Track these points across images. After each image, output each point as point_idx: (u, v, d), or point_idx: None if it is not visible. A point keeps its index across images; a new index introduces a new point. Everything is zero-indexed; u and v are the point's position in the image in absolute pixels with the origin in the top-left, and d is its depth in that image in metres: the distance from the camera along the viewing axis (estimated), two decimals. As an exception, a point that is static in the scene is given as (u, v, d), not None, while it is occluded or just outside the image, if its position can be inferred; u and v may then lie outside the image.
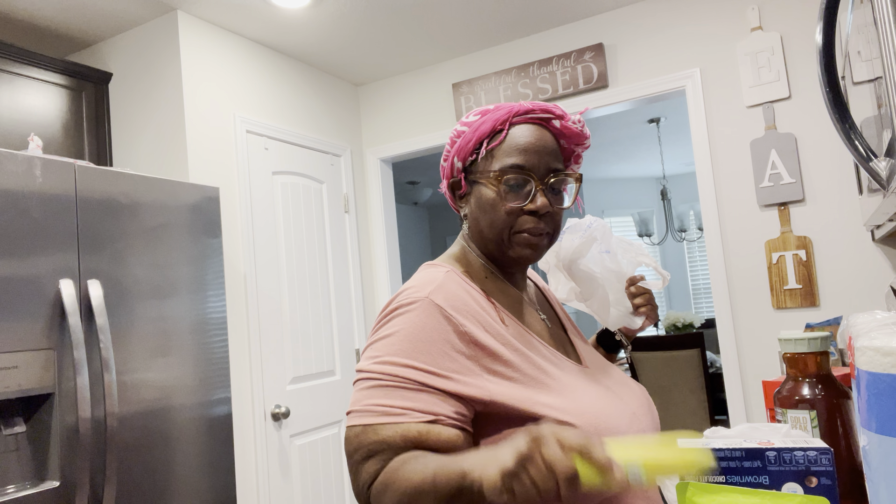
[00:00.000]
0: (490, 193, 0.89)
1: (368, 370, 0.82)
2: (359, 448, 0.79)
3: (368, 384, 0.81)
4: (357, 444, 0.79)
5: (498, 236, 0.90)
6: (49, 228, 1.65)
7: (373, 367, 0.82)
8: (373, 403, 0.80)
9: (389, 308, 0.86)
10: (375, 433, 0.78)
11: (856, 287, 2.33)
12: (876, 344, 0.52)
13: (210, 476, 1.99)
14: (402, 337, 0.82)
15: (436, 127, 3.22)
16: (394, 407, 0.79)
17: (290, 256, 2.83)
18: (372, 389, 0.81)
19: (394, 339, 0.83)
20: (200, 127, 2.48)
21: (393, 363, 0.81)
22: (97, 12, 2.42)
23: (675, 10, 2.69)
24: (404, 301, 0.85)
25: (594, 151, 5.46)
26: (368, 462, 0.78)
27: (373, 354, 0.83)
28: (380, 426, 0.78)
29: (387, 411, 0.79)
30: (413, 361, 0.81)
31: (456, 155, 0.93)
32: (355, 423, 0.80)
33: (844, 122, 0.85)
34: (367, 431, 0.79)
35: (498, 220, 0.89)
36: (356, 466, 0.79)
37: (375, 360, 0.82)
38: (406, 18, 2.74)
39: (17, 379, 1.54)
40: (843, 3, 1.12)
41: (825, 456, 0.60)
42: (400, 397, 0.79)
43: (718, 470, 0.63)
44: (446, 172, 0.96)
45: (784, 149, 2.44)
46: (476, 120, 0.93)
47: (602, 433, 0.81)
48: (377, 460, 0.78)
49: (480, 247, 0.95)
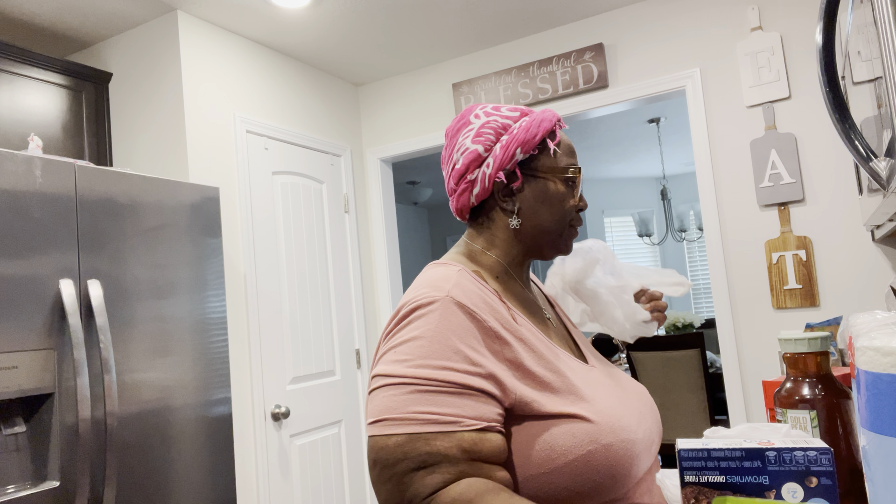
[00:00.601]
0: (559, 188, 0.93)
1: (402, 374, 0.78)
2: (405, 458, 0.74)
3: (405, 389, 0.77)
4: (402, 454, 0.75)
5: (560, 228, 0.94)
6: (49, 228, 1.65)
7: (407, 370, 0.78)
8: (417, 411, 0.75)
9: (407, 309, 0.83)
10: (427, 444, 0.74)
11: (856, 287, 2.33)
12: (876, 344, 0.52)
13: (210, 476, 1.99)
14: (431, 338, 0.79)
15: (436, 127, 3.22)
16: (443, 415, 0.76)
17: (290, 256, 2.83)
18: (412, 395, 0.76)
19: (422, 341, 0.79)
20: (200, 127, 2.48)
21: (429, 366, 0.77)
22: (97, 12, 2.42)
23: (675, 10, 2.69)
24: (423, 301, 0.82)
25: (594, 151, 5.46)
26: (421, 473, 0.74)
27: (401, 358, 0.79)
28: (431, 436, 0.75)
29: (437, 419, 0.75)
30: (448, 363, 0.78)
31: (520, 146, 0.90)
32: (397, 431, 0.75)
33: (844, 122, 0.85)
34: (416, 441, 0.74)
35: (562, 215, 0.93)
36: (402, 477, 0.74)
37: (408, 364, 0.78)
38: (406, 18, 2.74)
39: (17, 379, 1.54)
40: (843, 3, 1.13)
41: (825, 456, 0.60)
42: (446, 404, 0.76)
43: (718, 470, 0.63)
44: (499, 161, 0.90)
45: (784, 149, 2.44)
46: (517, 114, 0.93)
47: (617, 431, 0.82)
48: (435, 473, 0.74)
49: (527, 242, 0.94)
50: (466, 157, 0.91)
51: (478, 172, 0.91)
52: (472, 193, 0.92)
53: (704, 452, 0.64)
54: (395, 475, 0.75)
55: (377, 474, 0.76)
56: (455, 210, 0.97)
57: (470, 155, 0.91)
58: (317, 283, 2.96)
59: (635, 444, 0.83)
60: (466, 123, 0.94)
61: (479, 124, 0.92)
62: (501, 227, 0.94)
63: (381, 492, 0.76)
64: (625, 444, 0.82)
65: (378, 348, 0.86)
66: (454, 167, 0.93)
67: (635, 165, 6.16)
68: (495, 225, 0.94)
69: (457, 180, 0.93)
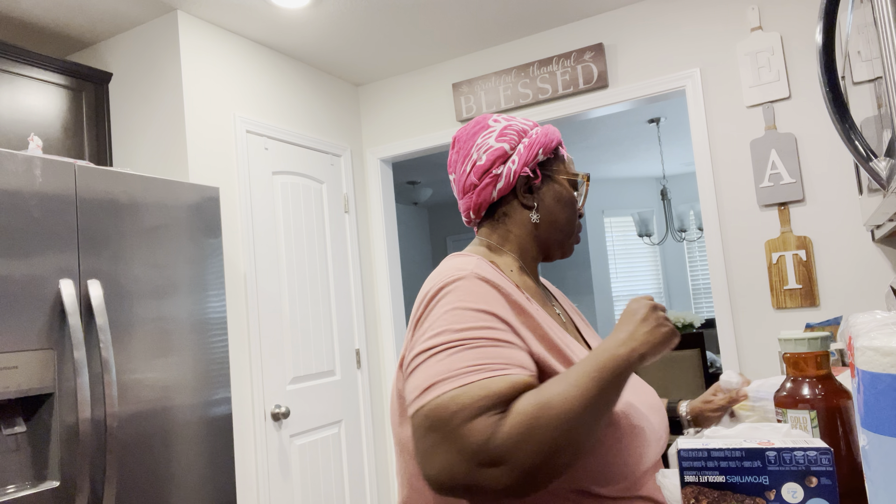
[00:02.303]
0: (569, 191, 1.01)
1: (442, 342, 0.77)
2: (462, 409, 0.71)
3: (448, 353, 0.76)
4: (458, 405, 0.71)
5: (570, 229, 1.01)
6: (49, 228, 1.65)
7: (446, 338, 0.77)
8: (466, 365, 0.74)
9: (433, 290, 0.84)
10: (483, 388, 0.72)
11: (856, 287, 2.33)
12: (876, 344, 0.52)
13: (210, 476, 1.99)
14: (463, 307, 0.80)
15: (436, 127, 3.22)
16: (492, 362, 0.75)
17: (290, 256, 2.83)
18: (457, 355, 0.75)
19: (455, 311, 0.80)
20: (200, 127, 2.48)
21: (466, 328, 0.77)
22: (97, 12, 2.42)
23: (675, 10, 2.69)
24: (448, 280, 0.84)
25: (594, 151, 5.46)
26: (481, 419, 0.71)
27: (437, 331, 0.78)
28: (484, 381, 0.73)
29: (486, 366, 0.74)
30: (484, 322, 0.79)
31: (542, 147, 0.97)
32: (450, 387, 0.73)
33: (844, 122, 0.85)
34: (471, 389, 0.72)
35: (573, 217, 1.01)
36: (457, 430, 0.70)
37: (446, 333, 0.77)
38: (406, 18, 2.74)
39: (17, 379, 1.54)
40: (843, 3, 1.13)
41: (825, 456, 0.60)
42: (492, 354, 0.76)
43: (718, 470, 0.63)
44: (524, 159, 0.96)
45: (784, 149, 2.44)
46: (531, 123, 1.02)
47: (632, 421, 0.84)
48: (494, 415, 0.71)
49: (541, 238, 0.99)
50: (492, 154, 0.96)
51: (503, 168, 0.96)
52: (496, 188, 0.97)
53: (704, 452, 0.64)
54: (452, 430, 0.71)
55: (432, 441, 0.72)
56: (472, 206, 0.99)
57: (496, 151, 0.96)
58: (317, 283, 2.96)
59: (645, 431, 0.86)
60: (485, 127, 0.99)
61: (501, 127, 0.98)
62: (518, 222, 0.99)
63: (440, 456, 0.71)
64: (635, 430, 0.84)
65: (411, 335, 0.85)
66: (475, 164, 0.97)
67: (635, 165, 6.16)
68: (511, 220, 0.99)
69: (479, 175, 0.97)
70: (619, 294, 6.66)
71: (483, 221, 1.02)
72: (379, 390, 3.28)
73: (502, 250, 0.99)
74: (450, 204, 7.12)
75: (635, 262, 6.77)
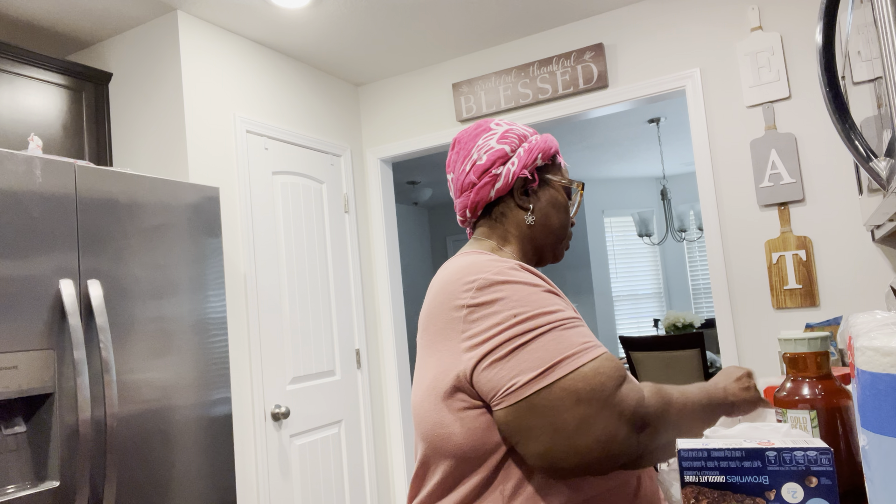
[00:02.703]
0: (564, 198, 1.05)
1: (549, 321, 0.82)
2: (608, 379, 0.79)
3: (561, 330, 0.81)
4: (604, 376, 0.79)
5: (562, 234, 1.04)
6: (49, 228, 1.65)
7: (549, 318, 0.82)
8: (582, 342, 0.81)
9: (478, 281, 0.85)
10: (610, 361, 0.81)
11: (856, 287, 2.33)
12: (876, 344, 0.52)
13: (210, 476, 1.99)
14: (534, 290, 0.85)
15: (436, 127, 3.22)
16: (594, 339, 0.84)
17: (290, 256, 2.83)
18: (565, 332, 0.81)
19: (527, 296, 0.84)
20: (200, 127, 2.48)
21: (559, 309, 0.84)
22: (97, 12, 2.42)
23: (675, 10, 2.69)
24: (496, 269, 0.87)
25: (594, 151, 5.46)
26: (625, 387, 0.80)
27: (532, 311, 0.82)
28: (606, 356, 0.81)
29: (597, 344, 0.83)
30: (563, 304, 0.86)
31: (541, 152, 1.01)
32: (583, 361, 0.79)
33: (844, 122, 0.85)
34: (604, 362, 0.80)
35: (566, 223, 1.05)
36: (612, 396, 0.78)
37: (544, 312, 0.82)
38: (406, 18, 2.74)
39: (17, 379, 1.54)
40: (843, 3, 1.13)
41: (825, 456, 0.60)
42: (590, 334, 0.84)
43: (718, 470, 0.63)
44: (523, 161, 0.99)
45: (784, 149, 2.44)
46: (531, 130, 1.05)
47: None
48: (631, 382, 0.81)
49: (536, 240, 1.02)
50: (492, 154, 0.99)
51: (502, 169, 0.99)
52: (494, 187, 0.99)
53: (704, 452, 0.64)
54: (607, 398, 0.78)
55: (585, 410, 0.77)
56: (469, 204, 1.01)
57: (497, 152, 0.99)
58: (317, 283, 2.96)
59: None
60: (487, 129, 1.03)
61: (503, 130, 1.02)
62: (515, 223, 1.01)
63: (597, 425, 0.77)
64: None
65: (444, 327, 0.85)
66: (475, 163, 1.00)
67: (635, 165, 6.16)
68: (509, 221, 1.01)
69: (479, 174, 1.00)
70: (619, 294, 6.66)
71: (480, 221, 1.04)
72: (379, 390, 3.28)
73: (504, 250, 1.00)
74: (450, 204, 7.11)
75: (635, 262, 6.77)
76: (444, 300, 0.87)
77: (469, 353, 0.82)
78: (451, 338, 0.84)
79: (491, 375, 0.80)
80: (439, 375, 0.86)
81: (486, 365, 0.80)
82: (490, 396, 0.81)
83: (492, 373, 0.80)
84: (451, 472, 0.86)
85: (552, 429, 0.77)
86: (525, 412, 0.78)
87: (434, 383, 0.86)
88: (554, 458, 0.77)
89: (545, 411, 0.77)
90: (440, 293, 0.88)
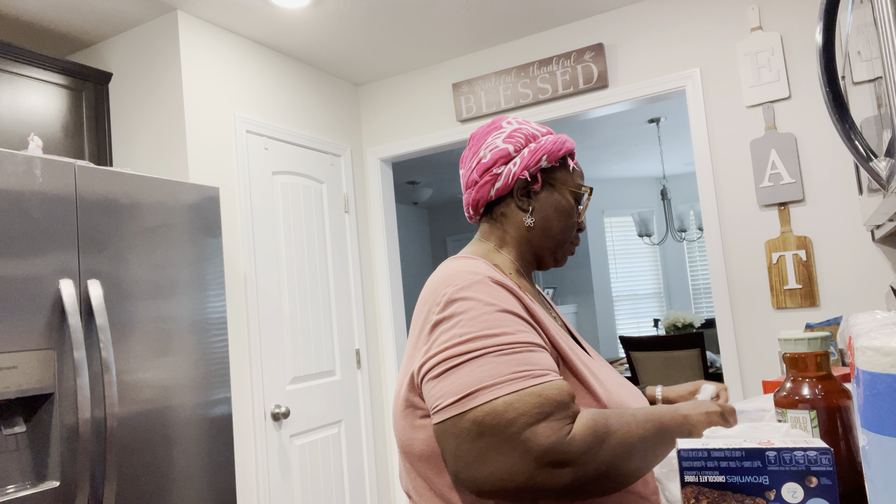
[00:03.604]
0: (569, 202, 1.02)
1: (476, 348, 0.78)
2: (520, 415, 0.74)
3: (491, 356, 0.78)
4: (515, 412, 0.74)
5: (563, 239, 1.02)
6: (49, 228, 1.65)
7: (486, 342, 0.78)
8: (513, 371, 0.76)
9: (450, 292, 0.84)
10: (538, 396, 0.75)
11: (856, 287, 2.33)
12: (876, 344, 0.52)
13: (210, 476, 1.99)
14: (488, 310, 0.81)
15: (436, 127, 3.22)
16: (536, 368, 0.78)
17: (290, 256, 2.83)
18: (498, 359, 0.77)
19: (481, 314, 0.81)
20: (200, 127, 2.48)
21: (500, 333, 0.79)
22: (97, 12, 2.42)
23: (675, 10, 2.69)
24: (468, 283, 0.84)
25: (594, 151, 5.46)
26: (543, 424, 0.74)
27: (465, 332, 0.79)
28: (537, 388, 0.76)
29: (533, 373, 0.77)
30: (513, 326, 0.81)
31: (546, 154, 0.99)
32: (500, 393, 0.75)
33: (844, 122, 0.85)
34: (525, 396, 0.75)
35: (569, 227, 1.02)
36: (521, 433, 0.74)
37: (478, 337, 0.79)
38: (406, 18, 2.74)
39: (17, 379, 1.54)
40: (843, 3, 1.13)
41: (825, 456, 0.60)
42: (532, 360, 0.78)
43: (718, 470, 0.63)
44: (525, 162, 0.97)
45: (784, 149, 2.44)
46: (544, 130, 1.02)
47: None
48: (554, 421, 0.75)
49: (534, 243, 1.01)
50: (495, 153, 0.99)
51: (504, 169, 0.98)
52: (494, 187, 0.99)
53: (704, 452, 0.64)
54: (512, 435, 0.74)
55: (485, 445, 0.74)
56: (471, 202, 1.02)
57: (500, 152, 0.98)
58: (317, 283, 2.96)
59: None
60: (498, 127, 1.01)
61: (511, 129, 1.01)
62: (514, 224, 1.00)
63: (495, 460, 0.74)
64: None
65: (426, 338, 0.85)
66: (480, 161, 1.00)
67: (635, 165, 6.16)
68: (508, 222, 1.01)
69: (481, 173, 0.99)
70: (619, 294, 6.66)
71: (482, 219, 1.04)
72: (379, 390, 3.28)
73: (501, 252, 1.00)
74: (450, 204, 7.11)
75: (635, 262, 6.77)
76: (421, 309, 0.88)
77: (421, 364, 0.83)
78: (419, 346, 0.86)
79: (428, 389, 0.81)
80: (407, 383, 0.87)
81: (427, 379, 0.81)
82: (429, 410, 0.82)
83: (428, 387, 0.81)
84: (417, 476, 0.88)
85: (455, 456, 0.76)
86: (440, 434, 0.78)
87: (401, 388, 0.89)
88: (459, 484, 0.77)
89: (452, 437, 0.77)
90: (421, 301, 0.89)
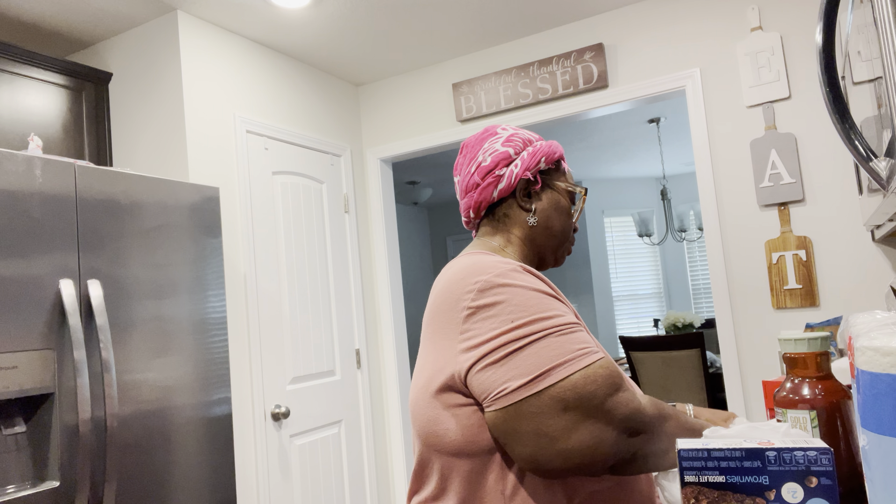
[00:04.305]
0: (568, 203, 1.06)
1: (545, 327, 0.82)
2: (600, 387, 0.79)
3: (551, 339, 0.81)
4: (594, 385, 0.79)
5: (563, 238, 1.06)
6: (49, 228, 1.65)
7: (546, 324, 0.82)
8: (576, 348, 0.81)
9: (480, 282, 0.86)
10: (605, 369, 0.81)
11: (856, 287, 2.33)
12: (876, 344, 0.52)
13: (210, 476, 1.99)
14: (532, 295, 0.85)
15: (436, 127, 3.22)
16: (592, 346, 0.83)
17: (290, 256, 2.83)
18: (559, 339, 0.81)
19: (525, 301, 0.84)
20: (200, 127, 2.48)
21: (557, 314, 0.84)
22: (97, 12, 2.42)
23: (674, 10, 2.69)
24: (498, 271, 0.87)
25: (594, 151, 5.46)
26: (620, 394, 0.80)
27: (529, 317, 0.82)
28: (601, 362, 0.81)
29: (591, 350, 0.82)
30: (562, 309, 0.86)
31: (544, 156, 1.03)
32: (574, 369, 0.79)
33: (844, 122, 0.85)
34: (597, 369, 0.80)
35: (568, 227, 1.06)
36: (604, 404, 0.79)
37: (541, 318, 0.82)
38: (406, 18, 2.74)
39: (17, 379, 1.54)
40: (843, 3, 1.13)
41: (825, 456, 0.60)
42: (587, 340, 0.84)
43: (718, 470, 0.63)
44: (526, 164, 1.01)
45: (784, 149, 2.44)
46: (536, 136, 1.07)
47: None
48: (626, 391, 0.81)
49: (537, 242, 1.04)
50: (496, 156, 1.02)
51: (505, 170, 1.01)
52: (497, 188, 1.01)
53: (704, 452, 0.64)
54: (598, 406, 0.79)
55: (572, 417, 0.78)
56: (472, 205, 1.03)
57: (501, 154, 1.02)
58: (317, 283, 2.96)
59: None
60: (493, 134, 1.05)
61: (508, 135, 1.04)
62: (518, 224, 1.03)
63: (583, 431, 0.78)
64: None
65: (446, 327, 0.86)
66: (479, 165, 1.03)
67: (635, 165, 6.16)
68: (511, 222, 1.03)
69: (483, 175, 1.02)
70: (619, 294, 6.66)
71: (483, 222, 1.05)
72: (379, 390, 3.28)
73: (505, 251, 1.01)
74: (450, 204, 7.12)
75: (635, 262, 6.77)
76: (447, 299, 0.87)
77: (465, 354, 0.83)
78: (450, 337, 0.85)
79: (483, 378, 0.81)
80: (435, 373, 0.87)
81: (480, 368, 0.81)
82: (482, 398, 0.82)
83: (484, 376, 0.81)
84: (449, 469, 0.86)
85: (537, 434, 0.78)
86: (512, 417, 0.79)
87: (430, 381, 0.88)
88: (539, 462, 0.79)
89: (532, 417, 0.78)
90: (444, 292, 0.89)
